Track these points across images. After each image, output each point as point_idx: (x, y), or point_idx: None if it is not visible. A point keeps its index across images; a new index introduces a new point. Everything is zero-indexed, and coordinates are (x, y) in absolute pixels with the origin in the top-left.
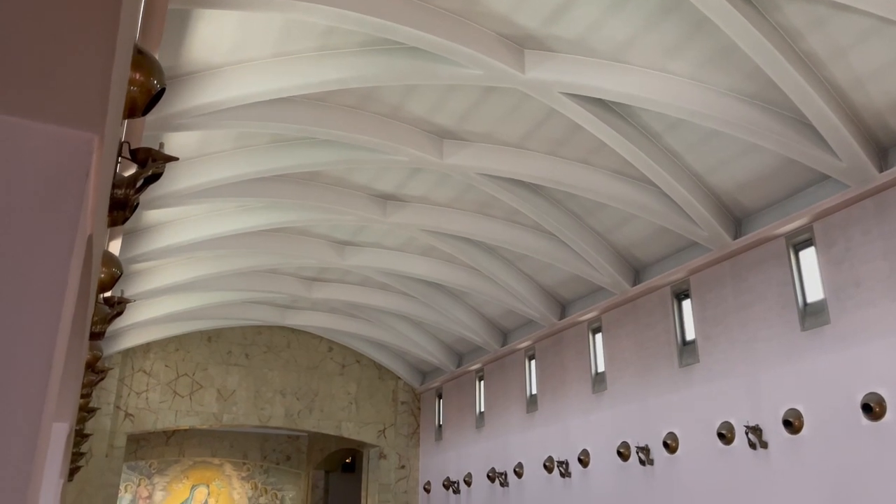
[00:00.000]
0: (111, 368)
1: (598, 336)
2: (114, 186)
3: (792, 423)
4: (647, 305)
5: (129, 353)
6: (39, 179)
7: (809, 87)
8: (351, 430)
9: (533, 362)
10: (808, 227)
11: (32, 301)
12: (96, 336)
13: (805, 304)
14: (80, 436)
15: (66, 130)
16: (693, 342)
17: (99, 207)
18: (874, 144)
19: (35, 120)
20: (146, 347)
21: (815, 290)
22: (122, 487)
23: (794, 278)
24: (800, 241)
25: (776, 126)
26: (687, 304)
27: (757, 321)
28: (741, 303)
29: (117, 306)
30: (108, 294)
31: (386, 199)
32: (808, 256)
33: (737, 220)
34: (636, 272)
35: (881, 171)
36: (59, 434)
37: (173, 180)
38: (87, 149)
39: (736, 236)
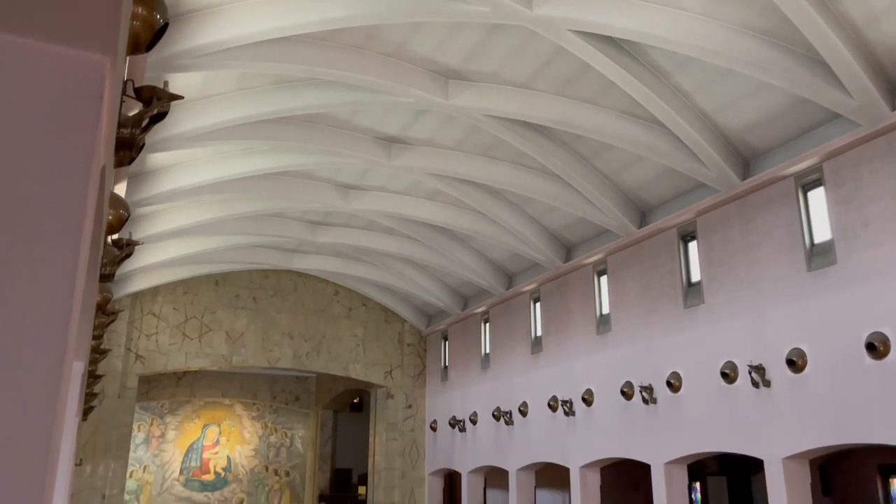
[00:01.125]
0: (121, 311)
1: (604, 278)
2: (119, 126)
3: (795, 363)
4: (653, 247)
5: (137, 296)
6: (53, 102)
7: (823, 21)
8: (358, 372)
9: (538, 305)
10: (817, 167)
11: (52, 227)
12: (106, 278)
13: (812, 244)
14: (92, 377)
15: (78, 52)
16: (698, 283)
17: (108, 140)
18: (887, 82)
19: (47, 41)
20: (154, 291)
21: (822, 231)
22: (135, 427)
23: (801, 219)
24: (809, 182)
25: (788, 64)
26: (693, 246)
27: (763, 262)
28: (748, 243)
29: (126, 248)
30: (116, 236)
31: (391, 142)
32: (817, 196)
33: (745, 160)
34: (643, 214)
35: (893, 109)
36: (75, 373)
37: (176, 123)
38: (100, 72)
39: (744, 177)
